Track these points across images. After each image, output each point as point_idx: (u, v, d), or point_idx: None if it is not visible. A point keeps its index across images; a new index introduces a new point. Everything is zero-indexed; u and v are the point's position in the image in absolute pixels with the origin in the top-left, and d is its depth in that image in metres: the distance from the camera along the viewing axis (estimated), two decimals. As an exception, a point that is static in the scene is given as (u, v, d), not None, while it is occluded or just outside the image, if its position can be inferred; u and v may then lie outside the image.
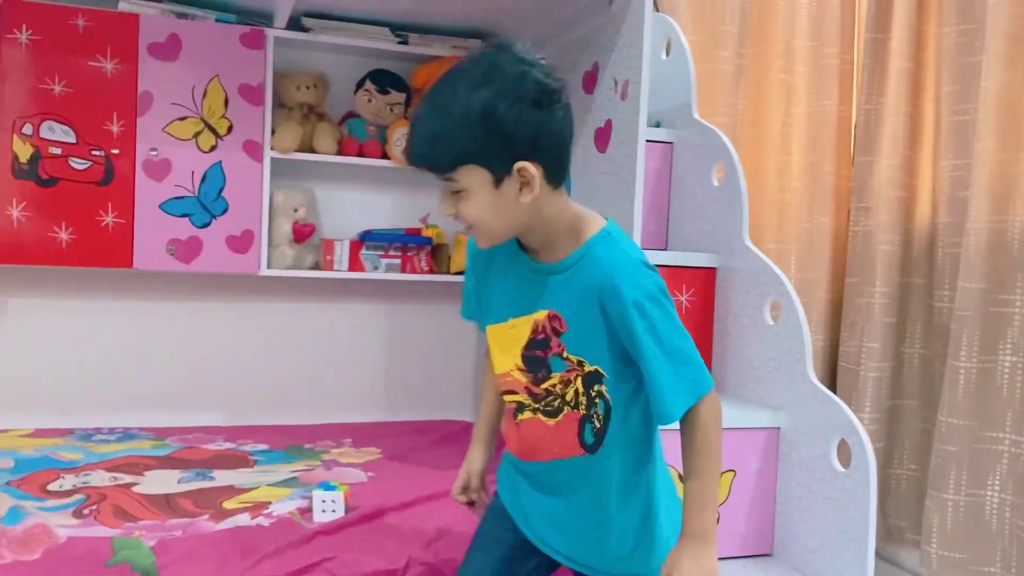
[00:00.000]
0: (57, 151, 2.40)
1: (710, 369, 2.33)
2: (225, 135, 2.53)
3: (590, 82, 2.15)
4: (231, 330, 2.77)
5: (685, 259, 2.36)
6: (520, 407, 1.38)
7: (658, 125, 2.51)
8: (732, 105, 2.74)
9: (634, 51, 1.96)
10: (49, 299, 2.59)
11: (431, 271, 2.81)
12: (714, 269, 2.35)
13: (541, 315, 1.31)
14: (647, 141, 2.03)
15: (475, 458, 1.57)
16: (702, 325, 2.36)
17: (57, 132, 2.39)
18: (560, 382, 1.32)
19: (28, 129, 2.37)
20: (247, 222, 2.58)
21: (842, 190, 2.80)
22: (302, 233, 2.67)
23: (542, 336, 1.32)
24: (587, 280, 1.27)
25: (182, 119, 2.49)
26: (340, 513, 1.91)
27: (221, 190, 2.54)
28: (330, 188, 2.82)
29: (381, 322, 2.96)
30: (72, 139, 2.41)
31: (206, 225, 2.54)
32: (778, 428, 2.11)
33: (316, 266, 2.74)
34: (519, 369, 1.35)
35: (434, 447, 2.58)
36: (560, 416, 1.33)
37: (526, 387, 1.35)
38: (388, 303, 2.96)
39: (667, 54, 2.58)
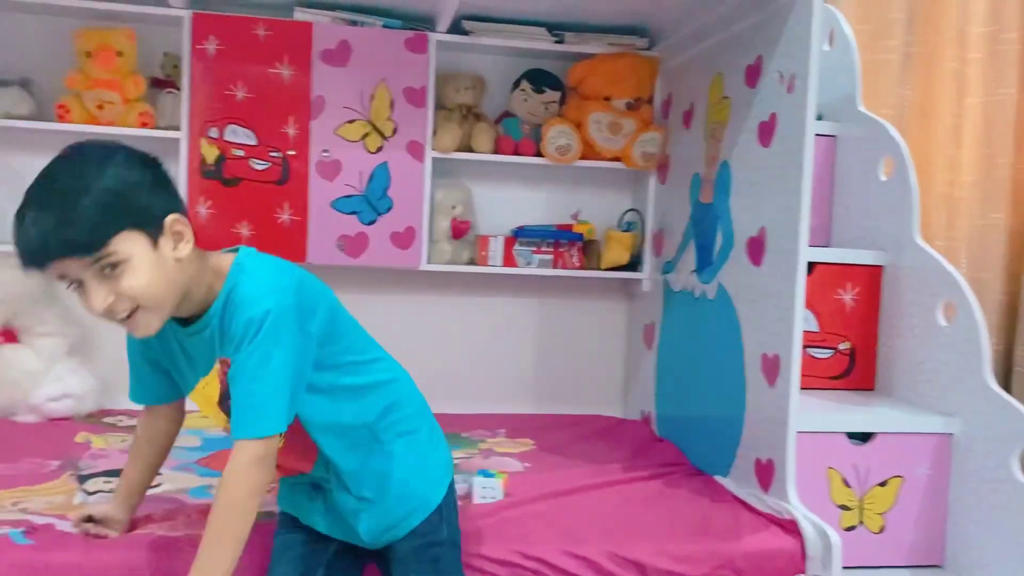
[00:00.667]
0: (240, 153, 2.58)
1: (874, 371, 2.29)
2: (390, 136, 2.65)
3: (753, 75, 2.12)
4: (392, 322, 2.87)
5: (850, 256, 2.29)
6: None
7: (820, 118, 2.44)
8: (899, 96, 2.64)
9: (801, 43, 1.92)
10: (230, 291, 2.79)
11: (582, 266, 2.84)
12: (880, 267, 2.27)
13: (218, 366, 1.37)
14: (810, 135, 1.98)
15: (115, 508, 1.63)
16: (867, 324, 2.29)
17: (240, 135, 2.57)
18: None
19: (214, 132, 2.56)
20: (409, 219, 2.69)
21: (1019, 184, 2.64)
22: (459, 230, 2.76)
23: (226, 384, 1.35)
24: (222, 311, 1.33)
25: (351, 122, 2.63)
26: (499, 500, 1.98)
27: (386, 189, 2.66)
28: (486, 186, 2.89)
29: (533, 316, 3.01)
30: (253, 141, 2.58)
31: (372, 222, 2.66)
32: (950, 434, 2.02)
33: (472, 261, 2.82)
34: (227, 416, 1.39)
35: (586, 441, 2.61)
36: None
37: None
38: (540, 298, 3.01)
39: (831, 45, 2.50)
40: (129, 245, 1.24)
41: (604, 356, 3.05)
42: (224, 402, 1.41)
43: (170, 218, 1.29)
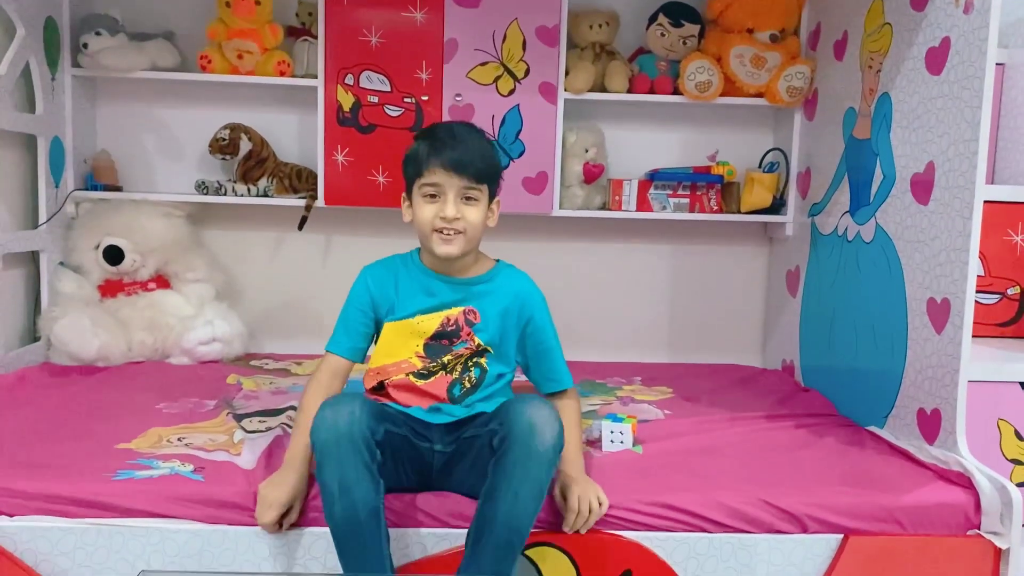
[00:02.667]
0: (374, 99, 2.58)
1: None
2: (522, 78, 2.59)
3: (920, -2, 1.95)
4: (523, 268, 2.85)
5: (1020, 194, 2.11)
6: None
7: (990, 44, 2.23)
8: (1080, 17, 2.38)
9: (981, -41, 1.75)
10: (365, 237, 2.82)
11: (720, 210, 2.73)
12: (1056, 206, 2.09)
13: (455, 311, 1.69)
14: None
15: (295, 485, 1.59)
16: (1041, 268, 2.11)
17: (374, 81, 2.57)
18: (453, 357, 1.68)
19: (350, 79, 2.57)
20: (542, 164, 2.64)
21: None
22: (592, 174, 2.69)
23: (452, 327, 1.68)
24: (506, 288, 1.73)
25: (483, 64, 2.58)
26: (628, 445, 1.93)
27: (518, 133, 2.62)
28: (619, 127, 2.81)
29: (668, 263, 2.93)
30: (387, 88, 2.58)
31: (504, 167, 2.62)
32: None
33: (605, 206, 2.76)
34: (418, 355, 1.69)
35: (726, 389, 2.53)
36: (432, 379, 1.68)
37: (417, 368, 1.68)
38: (675, 244, 2.92)
39: (1004, -38, 2.28)
40: (483, 194, 1.67)
41: (742, 304, 2.95)
42: (434, 339, 1.69)
43: (497, 199, 1.74)
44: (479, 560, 1.45)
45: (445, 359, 1.69)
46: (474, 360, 1.70)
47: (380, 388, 1.71)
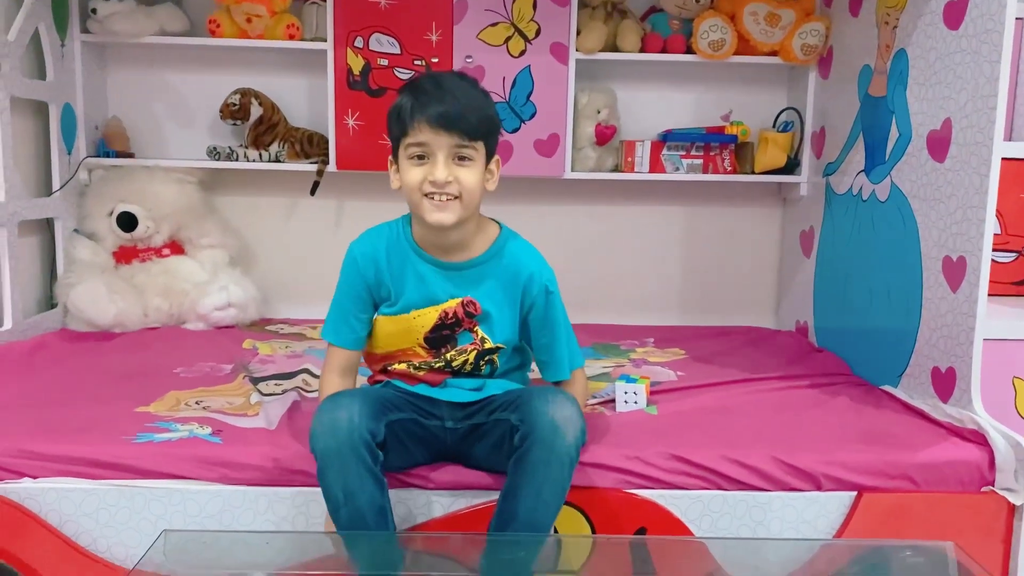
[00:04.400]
0: (384, 62, 2.57)
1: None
2: (533, 39, 2.57)
3: (937, -49, 1.92)
4: (535, 233, 2.82)
5: (1039, 152, 2.08)
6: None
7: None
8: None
9: (1001, -93, 1.71)
10: (377, 202, 2.81)
11: (734, 171, 2.71)
12: (1077, 163, 2.06)
13: (452, 303, 1.56)
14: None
15: None
16: (1059, 227, 2.10)
17: (384, 44, 2.56)
18: (457, 353, 1.59)
19: (359, 42, 2.55)
20: (553, 126, 2.62)
21: None
22: (604, 135, 2.67)
23: (452, 320, 1.57)
24: (508, 269, 1.57)
25: (494, 25, 2.56)
26: (642, 405, 1.94)
27: (529, 94, 2.60)
28: (632, 87, 2.78)
29: (680, 224, 2.92)
30: (397, 50, 2.56)
31: (515, 130, 2.62)
32: None
33: (617, 168, 2.74)
34: (420, 346, 1.60)
35: (739, 350, 2.53)
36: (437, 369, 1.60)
37: (423, 359, 1.61)
38: (688, 205, 2.91)
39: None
40: (480, 153, 1.50)
41: (755, 265, 2.94)
42: (434, 332, 1.60)
43: (496, 158, 1.56)
44: None
45: (449, 357, 1.60)
46: (486, 359, 1.62)
47: (384, 369, 1.68)
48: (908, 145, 2.04)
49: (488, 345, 1.60)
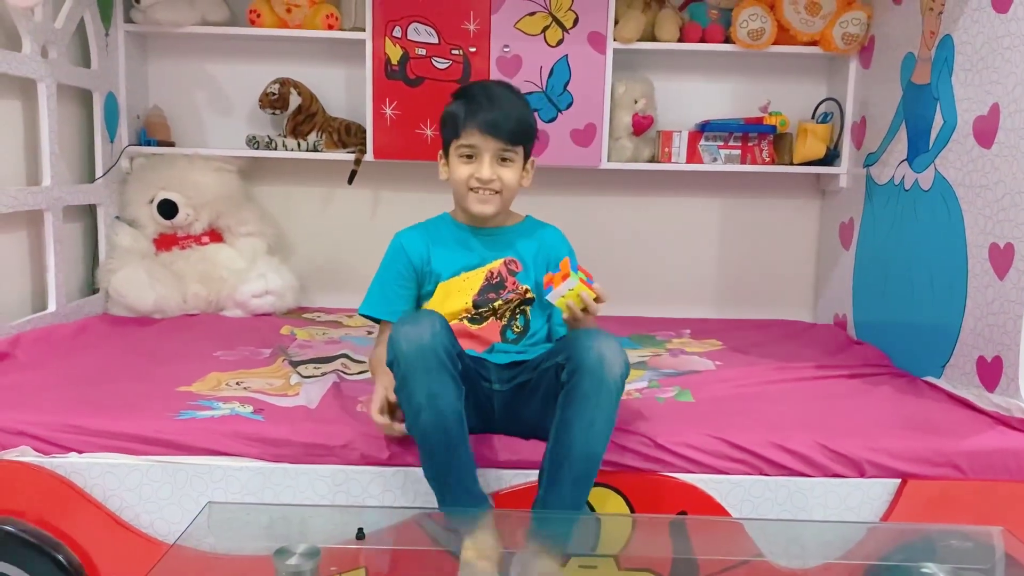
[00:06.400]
0: (422, 52, 2.57)
1: None
2: (571, 28, 2.57)
3: (985, -66, 1.89)
4: (571, 223, 2.82)
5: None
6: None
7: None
8: None
9: None
10: (413, 192, 2.83)
11: (772, 162, 2.69)
12: None
13: (496, 263, 1.73)
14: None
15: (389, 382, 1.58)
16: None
17: (422, 33, 2.57)
18: (503, 302, 1.72)
19: (397, 32, 2.56)
20: (590, 115, 2.62)
21: None
22: (641, 125, 2.66)
23: (496, 280, 1.72)
24: (538, 233, 1.79)
25: (531, 14, 2.56)
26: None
27: (566, 84, 2.60)
28: (669, 77, 2.77)
29: (717, 216, 2.90)
30: (435, 39, 2.57)
31: (552, 119, 2.61)
32: None
33: (654, 159, 2.73)
34: (466, 311, 1.71)
35: (777, 342, 2.51)
36: (485, 324, 1.71)
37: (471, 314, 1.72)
38: (725, 196, 2.89)
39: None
40: (519, 155, 1.69)
41: (793, 258, 2.91)
42: (481, 294, 1.72)
43: (532, 159, 1.75)
44: (559, 492, 1.46)
45: (496, 305, 1.71)
46: (521, 308, 1.74)
47: None
48: (953, 132, 2.01)
49: (530, 295, 1.74)
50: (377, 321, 1.79)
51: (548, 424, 1.51)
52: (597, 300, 1.55)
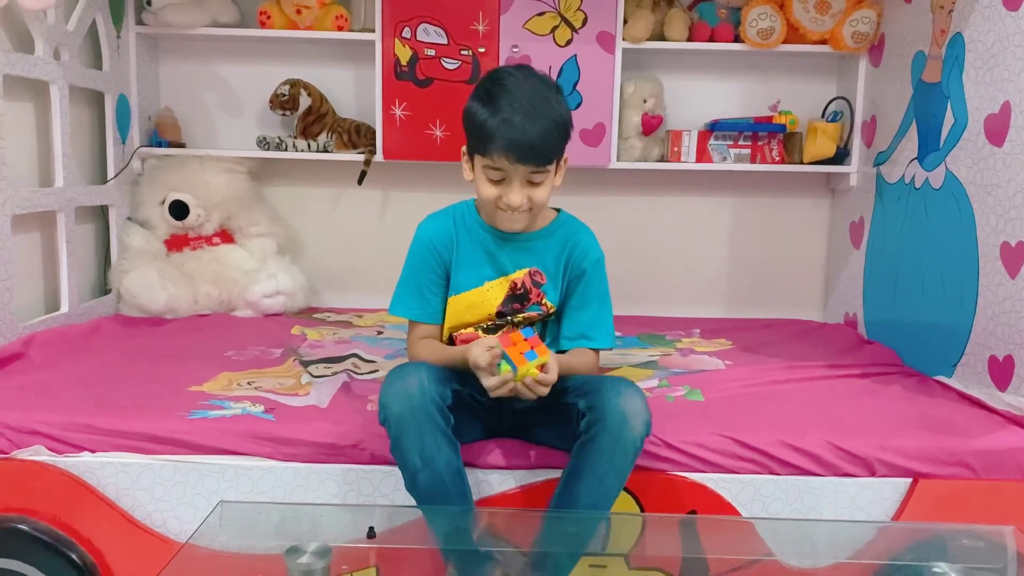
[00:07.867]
0: (431, 52, 2.58)
1: None
2: (580, 28, 2.57)
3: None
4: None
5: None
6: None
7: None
8: None
9: None
10: (423, 192, 2.84)
11: (782, 161, 2.69)
12: None
13: (519, 274, 1.63)
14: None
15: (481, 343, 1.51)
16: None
17: (431, 34, 2.57)
18: (524, 319, 1.64)
19: (407, 32, 2.57)
20: (599, 115, 2.62)
21: None
22: (651, 125, 2.66)
23: (520, 291, 1.63)
24: (565, 238, 1.64)
25: (540, 14, 2.56)
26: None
27: (576, 84, 2.60)
28: (678, 77, 2.77)
29: (727, 215, 2.90)
30: (444, 40, 2.57)
31: (562, 119, 2.61)
32: None
33: (663, 158, 2.73)
34: (488, 318, 1.63)
35: (787, 341, 2.51)
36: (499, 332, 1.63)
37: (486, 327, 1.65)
38: (735, 196, 2.88)
39: None
40: (552, 168, 1.55)
41: (803, 257, 2.90)
42: (505, 305, 1.64)
43: (564, 157, 1.58)
44: None
45: (517, 319, 1.65)
46: (544, 324, 1.69)
47: (449, 341, 1.70)
48: (964, 131, 2.00)
49: (552, 310, 1.65)
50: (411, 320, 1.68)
51: (558, 445, 1.51)
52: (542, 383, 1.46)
